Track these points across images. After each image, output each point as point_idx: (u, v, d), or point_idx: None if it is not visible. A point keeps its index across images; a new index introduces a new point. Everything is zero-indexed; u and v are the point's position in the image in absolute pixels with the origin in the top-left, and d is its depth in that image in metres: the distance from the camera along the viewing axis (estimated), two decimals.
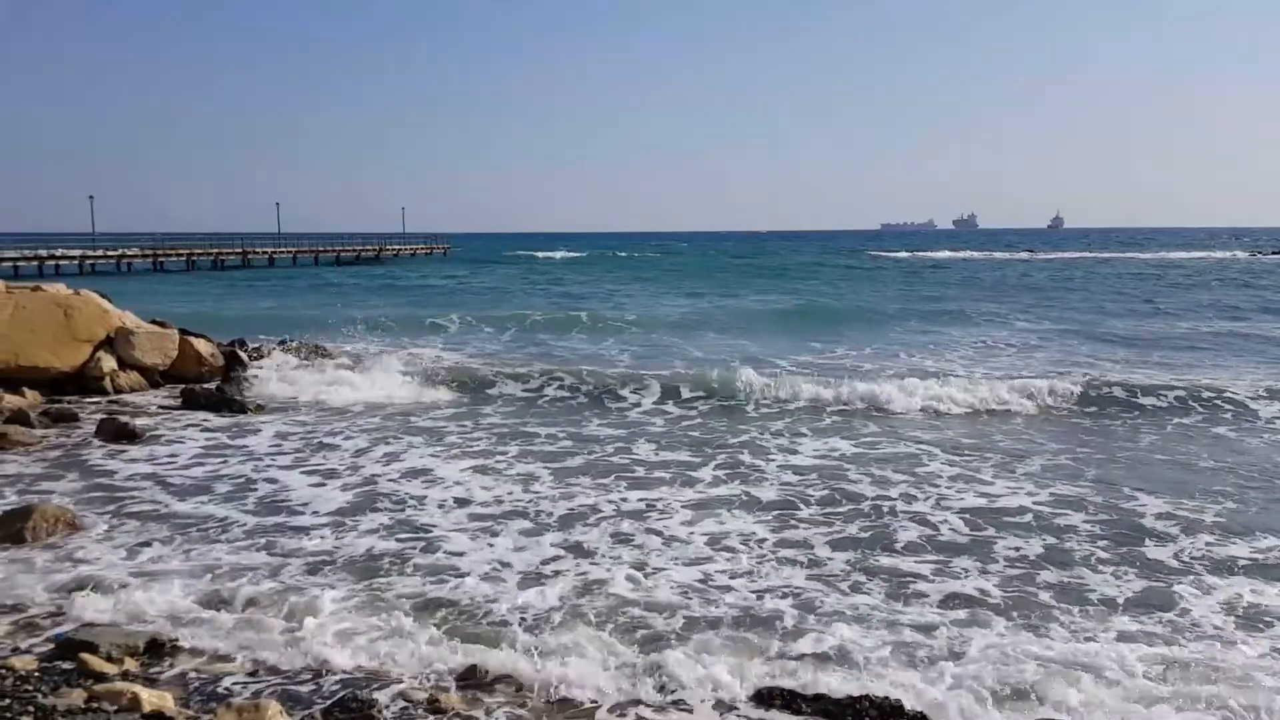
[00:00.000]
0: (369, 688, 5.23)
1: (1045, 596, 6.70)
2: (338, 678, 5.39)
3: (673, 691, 5.25)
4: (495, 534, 8.08)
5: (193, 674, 5.44)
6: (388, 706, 5.04)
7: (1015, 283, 46.99)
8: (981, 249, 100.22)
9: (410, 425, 12.89)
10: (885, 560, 7.47)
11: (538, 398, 15.07)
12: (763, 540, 7.94)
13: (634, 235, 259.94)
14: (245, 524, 8.41)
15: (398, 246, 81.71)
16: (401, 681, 5.35)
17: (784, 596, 6.64)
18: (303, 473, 10.29)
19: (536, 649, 5.66)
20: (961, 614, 6.34)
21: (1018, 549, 7.73)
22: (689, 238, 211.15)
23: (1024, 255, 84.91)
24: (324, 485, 9.78)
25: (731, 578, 7.03)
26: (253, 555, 7.54)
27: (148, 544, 7.76)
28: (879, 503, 9.09)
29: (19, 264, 49.47)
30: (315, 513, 8.79)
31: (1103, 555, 7.58)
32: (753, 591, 6.75)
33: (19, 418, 12.27)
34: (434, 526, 8.32)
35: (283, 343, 18.68)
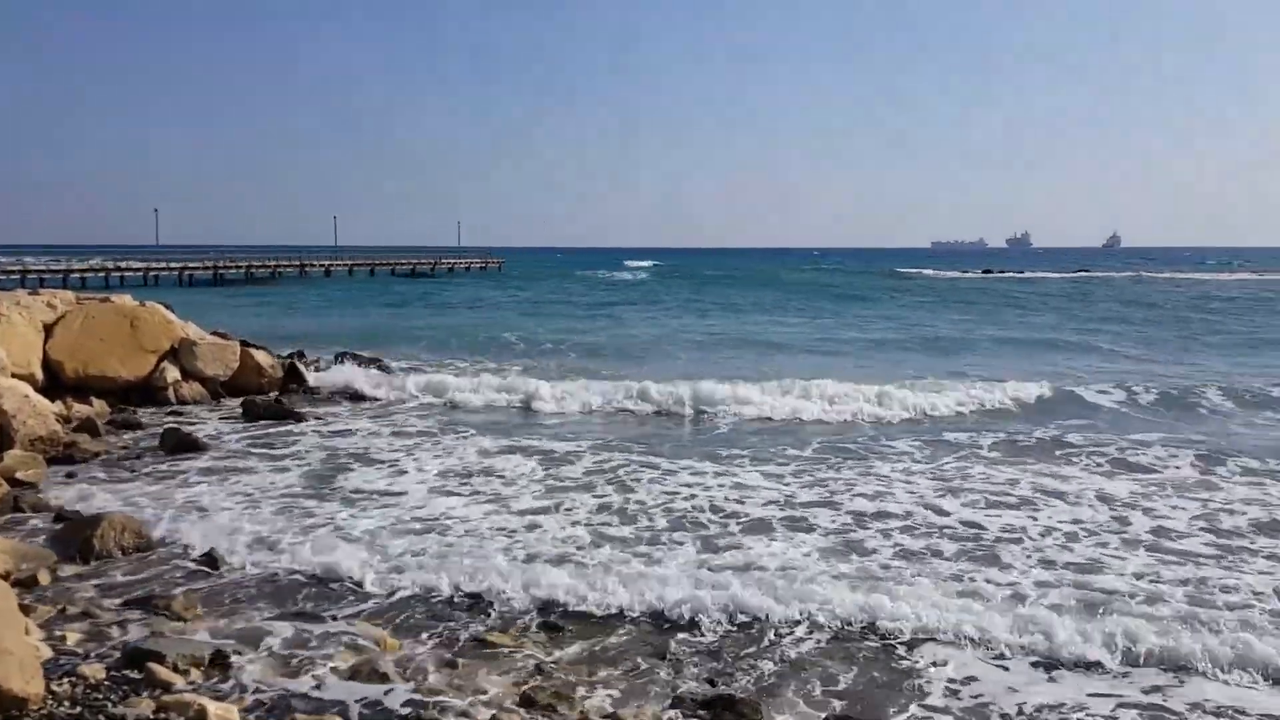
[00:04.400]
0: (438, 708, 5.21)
1: None
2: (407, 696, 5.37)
3: None
4: None
5: (256, 688, 5.44)
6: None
7: None
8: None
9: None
10: None
11: None
12: None
13: (677, 251, 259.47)
14: (323, 534, 8.47)
15: (452, 261, 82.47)
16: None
17: None
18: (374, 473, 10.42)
19: None
20: None
21: None
22: (737, 255, 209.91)
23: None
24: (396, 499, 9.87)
25: None
26: (332, 568, 7.59)
27: (214, 552, 7.81)
28: None
29: (86, 275, 50.75)
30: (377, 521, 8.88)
31: None
32: None
33: (88, 426, 12.51)
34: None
35: (339, 357, 18.75)
